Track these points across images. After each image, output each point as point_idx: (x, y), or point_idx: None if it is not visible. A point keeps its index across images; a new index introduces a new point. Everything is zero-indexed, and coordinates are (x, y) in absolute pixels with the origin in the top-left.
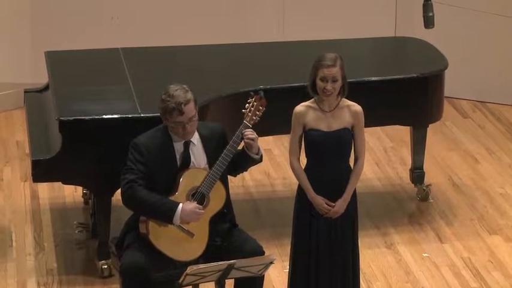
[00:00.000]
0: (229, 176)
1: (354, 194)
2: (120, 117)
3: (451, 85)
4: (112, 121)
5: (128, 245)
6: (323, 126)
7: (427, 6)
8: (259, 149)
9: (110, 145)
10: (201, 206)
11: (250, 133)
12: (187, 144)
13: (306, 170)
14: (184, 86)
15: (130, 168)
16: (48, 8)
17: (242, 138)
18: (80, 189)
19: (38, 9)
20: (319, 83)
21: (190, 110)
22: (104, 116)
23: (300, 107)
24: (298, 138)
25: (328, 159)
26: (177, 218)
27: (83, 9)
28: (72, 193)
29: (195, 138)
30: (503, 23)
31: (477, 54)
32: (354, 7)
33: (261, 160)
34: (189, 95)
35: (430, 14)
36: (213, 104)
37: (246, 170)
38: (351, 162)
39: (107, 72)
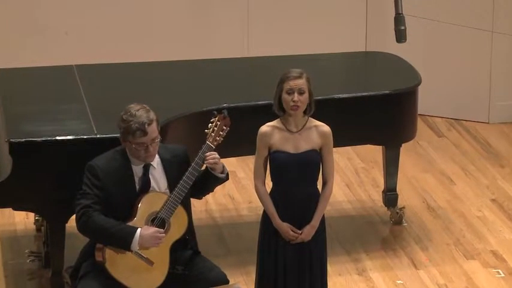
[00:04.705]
0: (191, 200)
1: (323, 219)
2: (75, 139)
3: (424, 102)
4: (66, 143)
5: (84, 274)
6: (289, 148)
7: (398, 20)
8: (223, 167)
9: (63, 168)
10: (162, 230)
11: (211, 158)
12: (147, 168)
13: (272, 194)
14: (145, 105)
15: (85, 193)
16: None
17: (204, 161)
18: (31, 215)
19: None
20: (286, 97)
21: (154, 130)
22: (58, 138)
23: (265, 128)
24: (263, 160)
25: (295, 182)
26: (135, 244)
27: (35, 23)
28: (24, 220)
29: (155, 161)
30: (479, 37)
31: (452, 69)
32: (322, 20)
33: (227, 178)
34: (152, 115)
35: (402, 28)
36: (173, 123)
37: (212, 191)
38: (319, 186)
39: (60, 90)
